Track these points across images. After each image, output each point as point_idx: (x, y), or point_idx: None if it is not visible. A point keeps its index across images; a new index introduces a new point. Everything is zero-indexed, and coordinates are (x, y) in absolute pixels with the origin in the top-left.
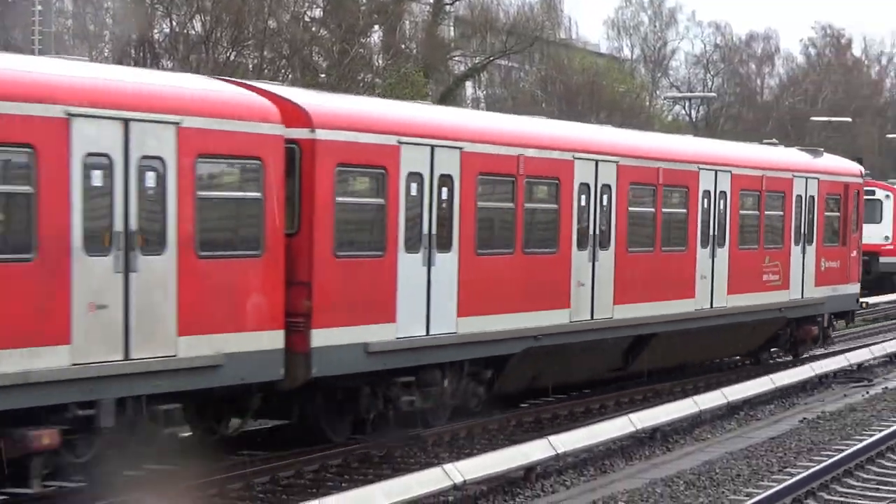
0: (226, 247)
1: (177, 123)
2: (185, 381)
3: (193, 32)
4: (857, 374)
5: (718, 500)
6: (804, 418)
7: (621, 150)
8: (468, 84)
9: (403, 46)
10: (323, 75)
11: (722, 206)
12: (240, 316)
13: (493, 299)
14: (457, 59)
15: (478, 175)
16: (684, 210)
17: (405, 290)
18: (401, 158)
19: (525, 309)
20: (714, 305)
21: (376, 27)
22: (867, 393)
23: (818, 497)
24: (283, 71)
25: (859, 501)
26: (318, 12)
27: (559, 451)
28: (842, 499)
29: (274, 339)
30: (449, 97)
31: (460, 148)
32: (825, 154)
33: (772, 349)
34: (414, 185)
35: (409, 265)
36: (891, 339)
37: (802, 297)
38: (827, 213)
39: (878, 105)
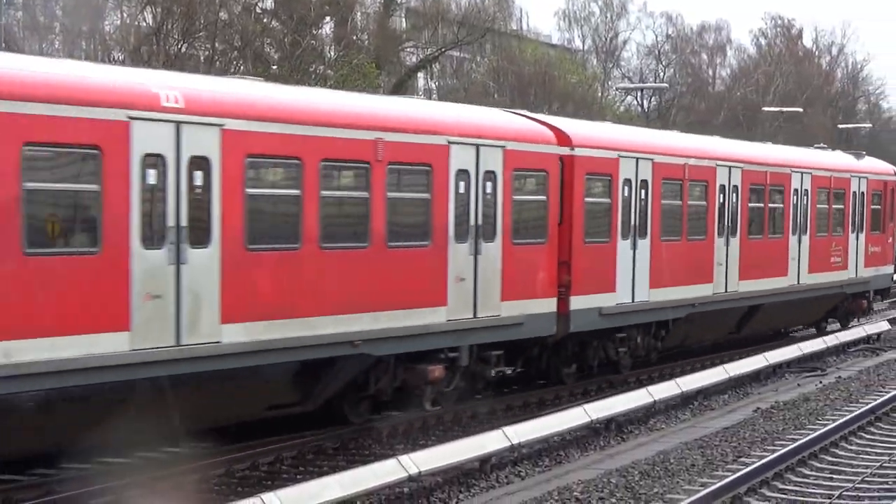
0: (527, 237)
1: (502, 147)
2: (505, 333)
3: (144, 24)
4: (811, 364)
5: (673, 489)
6: (758, 408)
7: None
8: (420, 75)
9: (355, 38)
10: (275, 67)
11: (805, 202)
12: (534, 286)
13: (668, 275)
14: (409, 50)
15: (662, 180)
16: (781, 204)
17: (620, 268)
18: (620, 167)
19: (687, 283)
20: (801, 282)
21: (328, 18)
22: (821, 382)
23: (772, 486)
24: (234, 63)
25: (813, 490)
26: (269, 3)
27: (514, 443)
28: (796, 488)
29: (551, 304)
30: (401, 88)
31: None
32: (866, 156)
33: (829, 319)
34: (626, 188)
35: (623, 249)
36: (845, 329)
37: (856, 276)
38: (873, 207)
39: (829, 95)
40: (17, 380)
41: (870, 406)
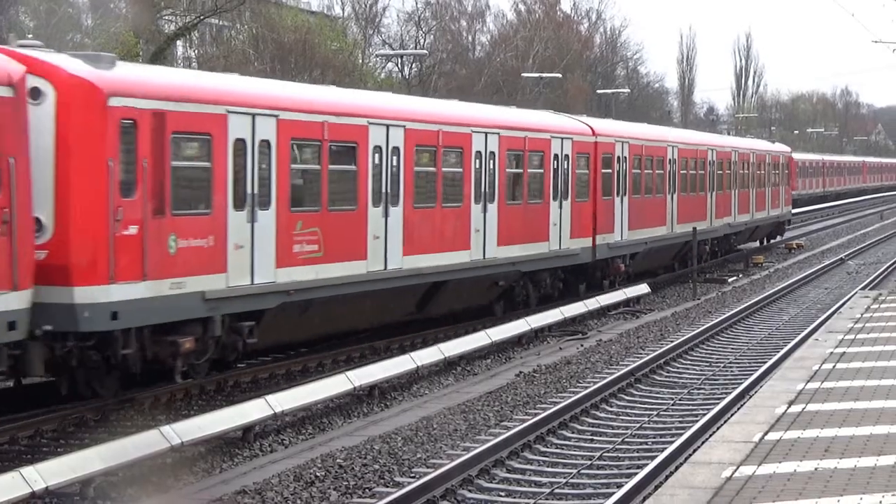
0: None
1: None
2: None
3: None
4: (573, 328)
5: (436, 454)
6: (520, 372)
7: None
8: (179, 43)
9: (112, 6)
10: (30, 36)
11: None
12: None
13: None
14: (167, 18)
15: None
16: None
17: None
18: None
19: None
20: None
21: None
22: (582, 346)
23: (534, 450)
24: None
25: (575, 452)
26: None
27: (277, 411)
28: (558, 451)
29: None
30: (159, 57)
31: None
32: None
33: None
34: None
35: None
36: (605, 293)
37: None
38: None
39: (589, 60)
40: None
41: (629, 368)
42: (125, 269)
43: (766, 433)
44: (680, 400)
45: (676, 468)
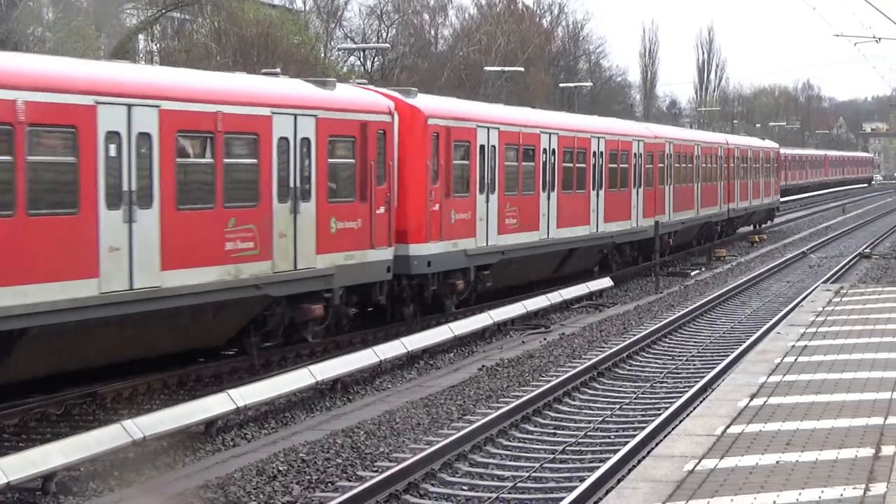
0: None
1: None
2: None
3: None
4: (535, 321)
5: (399, 448)
6: (483, 366)
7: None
8: (141, 37)
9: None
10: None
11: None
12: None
13: None
14: (129, 11)
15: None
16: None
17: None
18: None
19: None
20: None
21: None
22: (544, 339)
23: (497, 443)
24: None
25: (538, 446)
26: None
27: (240, 405)
28: (520, 444)
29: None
30: (121, 51)
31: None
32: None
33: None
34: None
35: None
36: (567, 287)
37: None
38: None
39: (551, 54)
40: None
41: (592, 362)
42: (434, 233)
43: (728, 426)
44: (642, 393)
45: (639, 462)
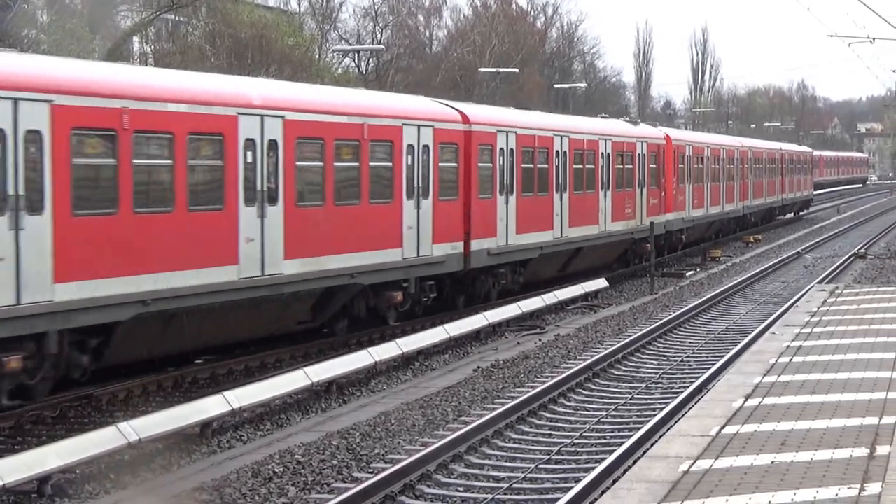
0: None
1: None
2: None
3: None
4: (530, 322)
5: (394, 449)
6: (478, 367)
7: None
8: (135, 39)
9: (68, 1)
10: None
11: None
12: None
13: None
14: (123, 13)
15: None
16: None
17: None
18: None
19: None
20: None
21: None
22: (540, 340)
23: (492, 444)
24: None
25: (533, 447)
26: None
27: (235, 407)
28: (515, 445)
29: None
30: (116, 53)
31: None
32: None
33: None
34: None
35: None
36: (562, 287)
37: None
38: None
39: (545, 55)
40: None
41: (587, 363)
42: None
43: (723, 427)
44: (638, 394)
45: (634, 462)
